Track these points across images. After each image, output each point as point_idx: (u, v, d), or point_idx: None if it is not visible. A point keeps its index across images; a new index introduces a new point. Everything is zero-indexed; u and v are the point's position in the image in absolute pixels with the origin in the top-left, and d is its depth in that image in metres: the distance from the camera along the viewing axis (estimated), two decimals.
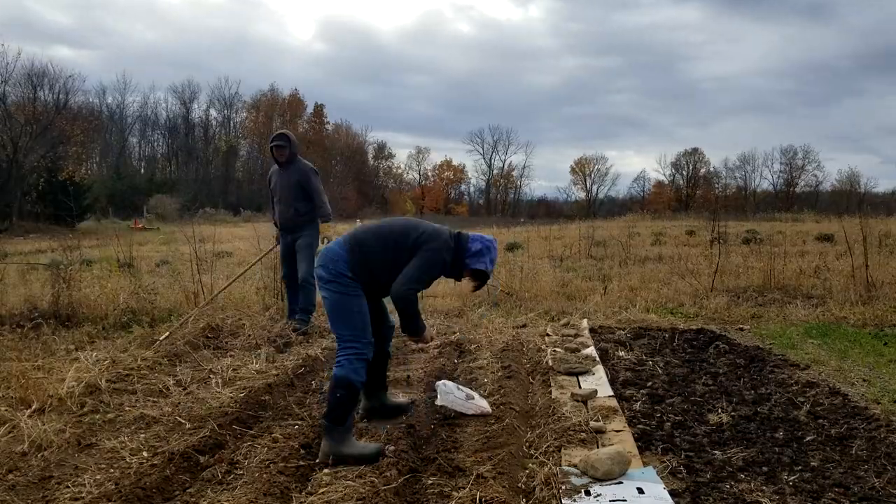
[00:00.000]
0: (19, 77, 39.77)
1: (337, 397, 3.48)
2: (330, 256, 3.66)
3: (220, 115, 65.40)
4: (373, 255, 3.64)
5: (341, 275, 3.59)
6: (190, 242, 9.34)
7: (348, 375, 3.49)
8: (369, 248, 3.66)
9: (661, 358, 5.85)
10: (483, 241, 3.81)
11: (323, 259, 3.68)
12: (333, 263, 3.62)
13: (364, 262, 3.63)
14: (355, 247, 3.65)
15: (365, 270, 3.63)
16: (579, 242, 15.73)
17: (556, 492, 3.09)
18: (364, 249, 3.65)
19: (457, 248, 3.76)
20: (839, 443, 3.78)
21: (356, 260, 3.62)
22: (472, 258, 3.77)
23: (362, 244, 3.67)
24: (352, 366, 3.51)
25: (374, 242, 3.68)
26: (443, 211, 66.12)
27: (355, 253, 3.63)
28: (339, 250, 3.65)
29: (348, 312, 3.59)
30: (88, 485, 3.18)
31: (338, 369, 3.53)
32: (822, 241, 17.46)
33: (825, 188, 62.53)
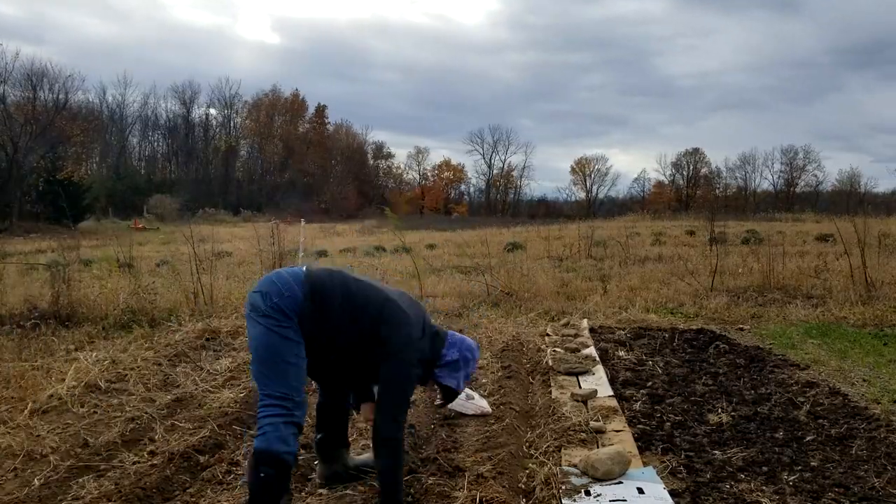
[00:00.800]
0: (18, 77, 39.86)
1: (261, 479, 2.59)
2: (277, 286, 2.79)
3: (220, 115, 65.47)
4: (330, 313, 2.83)
5: (284, 314, 2.74)
6: (189, 242, 9.35)
7: (274, 448, 2.60)
8: (330, 309, 2.83)
9: (661, 358, 5.85)
10: (462, 350, 3.07)
11: (267, 284, 2.81)
12: (279, 296, 2.76)
13: (319, 315, 2.80)
14: (316, 297, 2.81)
15: (314, 325, 2.80)
16: (579, 242, 15.73)
17: (556, 492, 3.09)
18: (323, 308, 2.81)
19: (430, 355, 3.03)
20: (839, 443, 3.78)
21: (308, 312, 2.78)
22: (444, 371, 3.05)
23: (323, 298, 2.82)
24: (278, 433, 2.62)
25: (338, 304, 2.84)
26: (442, 211, 66.14)
27: (313, 303, 2.79)
28: (292, 283, 2.80)
29: (281, 360, 2.71)
30: (88, 485, 3.18)
31: (260, 440, 2.63)
32: (822, 241, 17.45)
33: (825, 188, 62.58)
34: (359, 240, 23.43)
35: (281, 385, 2.69)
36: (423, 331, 2.99)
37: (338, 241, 22.53)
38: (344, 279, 2.94)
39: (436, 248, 18.04)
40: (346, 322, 2.84)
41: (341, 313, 2.84)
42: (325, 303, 2.82)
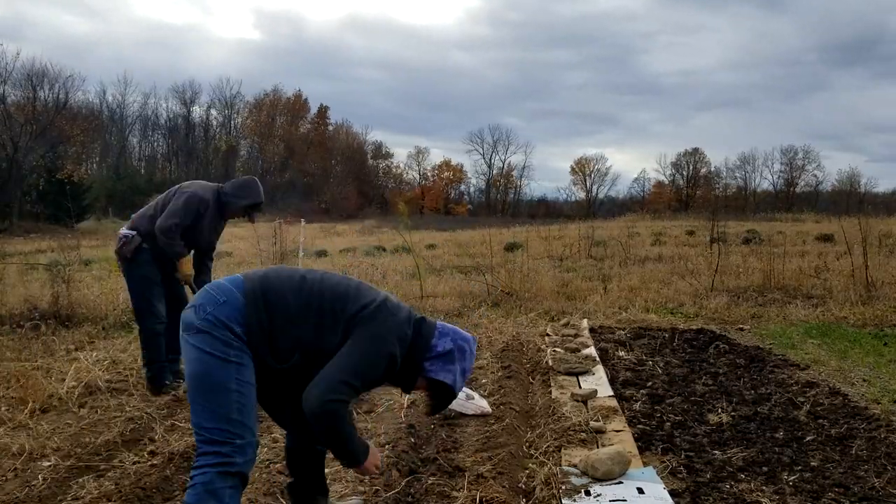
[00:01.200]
0: (19, 77, 39.84)
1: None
2: (212, 295, 2.32)
3: (220, 116, 65.46)
4: (282, 317, 2.31)
5: (223, 325, 2.25)
6: None
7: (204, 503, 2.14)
8: (281, 305, 2.33)
9: (661, 358, 5.85)
10: (456, 339, 2.47)
11: (201, 297, 2.35)
12: (215, 306, 2.28)
13: (266, 321, 2.30)
14: (259, 295, 2.32)
15: (262, 335, 2.29)
16: (579, 242, 15.74)
17: (556, 492, 3.09)
18: (272, 304, 2.32)
19: (414, 342, 2.42)
20: (839, 443, 3.78)
21: (254, 313, 2.29)
22: (436, 364, 2.44)
23: (271, 295, 2.33)
24: (214, 486, 2.15)
25: (291, 299, 2.34)
26: (442, 211, 66.12)
27: (257, 305, 2.30)
28: (231, 289, 2.33)
29: (218, 390, 2.20)
30: (88, 485, 3.18)
31: (190, 493, 2.17)
32: (822, 241, 17.46)
33: (825, 188, 62.56)
34: (359, 240, 23.43)
35: (218, 422, 2.17)
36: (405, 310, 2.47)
37: (338, 241, 22.52)
38: (294, 270, 2.52)
39: (436, 248, 18.05)
40: (303, 312, 2.33)
41: (293, 301, 2.34)
42: (274, 298, 2.33)
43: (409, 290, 9.48)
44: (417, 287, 9.49)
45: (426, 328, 2.48)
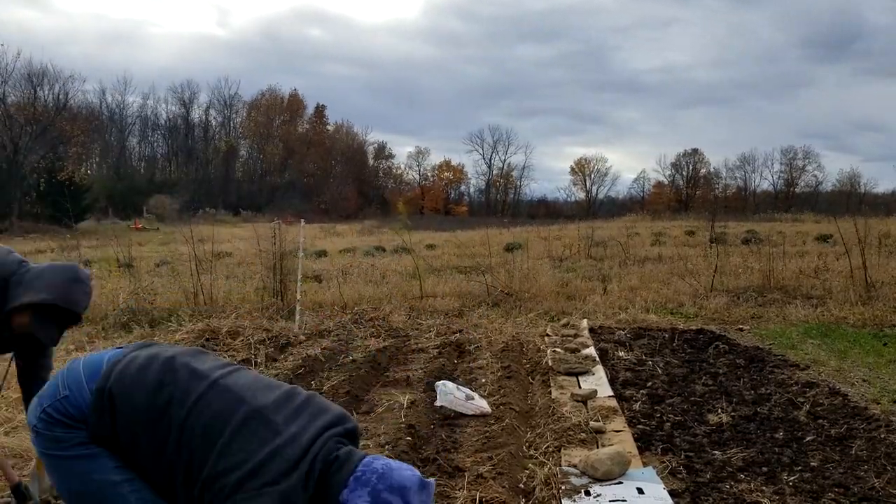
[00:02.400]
0: (19, 77, 39.86)
1: None
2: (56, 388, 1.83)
3: (219, 116, 65.46)
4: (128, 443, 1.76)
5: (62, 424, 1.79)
6: (189, 243, 9.35)
7: None
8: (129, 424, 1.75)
9: (660, 358, 5.85)
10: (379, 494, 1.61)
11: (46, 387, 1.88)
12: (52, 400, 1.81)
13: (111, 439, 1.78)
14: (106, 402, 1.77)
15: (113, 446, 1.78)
16: (579, 243, 15.73)
17: (556, 492, 3.09)
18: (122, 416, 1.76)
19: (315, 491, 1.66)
20: (839, 443, 3.78)
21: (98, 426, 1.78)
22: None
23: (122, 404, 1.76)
24: None
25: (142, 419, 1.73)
26: (442, 211, 66.14)
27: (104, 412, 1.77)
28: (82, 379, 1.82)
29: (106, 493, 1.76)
30: None
31: None
32: (822, 241, 17.45)
33: (825, 188, 62.53)
34: (359, 240, 23.41)
35: None
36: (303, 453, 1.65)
37: (338, 242, 22.51)
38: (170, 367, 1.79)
39: (436, 248, 18.04)
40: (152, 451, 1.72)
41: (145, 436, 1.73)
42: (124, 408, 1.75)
43: (408, 290, 9.49)
44: (417, 287, 9.50)
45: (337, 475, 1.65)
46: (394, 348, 6.23)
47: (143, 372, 1.79)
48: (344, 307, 8.34)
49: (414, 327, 7.37)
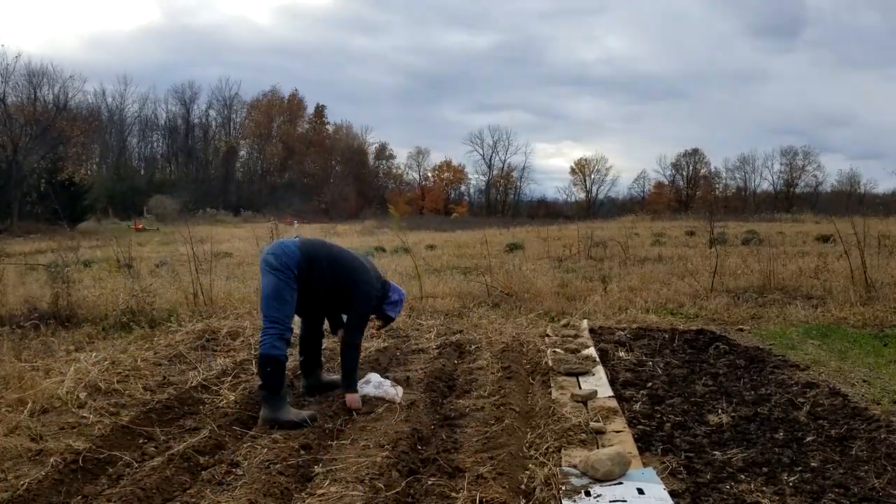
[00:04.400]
0: (19, 77, 39.82)
1: (268, 371, 3.97)
2: (283, 250, 4.19)
3: (219, 116, 65.46)
4: (318, 268, 4.22)
5: (288, 268, 4.12)
6: (189, 243, 9.35)
7: (272, 353, 4.00)
8: (319, 261, 4.24)
9: (661, 358, 5.85)
10: (400, 294, 4.66)
11: (276, 249, 4.22)
12: (287, 257, 4.14)
13: (310, 269, 4.19)
14: (309, 253, 4.22)
15: (307, 277, 4.18)
16: (579, 243, 15.73)
17: (556, 492, 3.09)
18: (313, 259, 4.22)
19: (382, 294, 4.53)
20: (839, 443, 3.78)
21: (305, 264, 4.17)
22: (390, 306, 4.61)
23: (315, 255, 4.25)
24: (274, 343, 4.01)
25: (324, 258, 4.28)
26: (442, 211, 66.12)
27: (307, 258, 4.19)
28: (293, 248, 4.21)
29: (282, 299, 4.10)
30: (88, 486, 3.18)
31: (263, 348, 4.02)
32: (822, 241, 17.45)
33: (825, 189, 62.50)
34: (359, 240, 23.41)
35: (279, 313, 4.09)
36: (377, 278, 4.53)
37: (338, 242, 22.48)
38: (327, 245, 4.49)
39: (435, 248, 18.04)
40: (329, 273, 4.27)
41: (326, 267, 4.27)
42: (315, 261, 4.24)
43: (408, 290, 9.47)
44: (417, 287, 9.49)
45: (386, 287, 4.60)
46: (394, 348, 6.23)
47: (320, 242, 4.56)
48: None
49: (414, 327, 7.37)
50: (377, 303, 4.50)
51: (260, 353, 4.04)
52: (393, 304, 4.61)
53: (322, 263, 4.25)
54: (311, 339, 4.68)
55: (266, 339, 4.03)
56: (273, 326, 4.05)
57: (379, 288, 4.49)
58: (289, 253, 4.16)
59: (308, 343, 4.67)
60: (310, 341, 4.68)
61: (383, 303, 4.55)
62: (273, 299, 4.11)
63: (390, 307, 4.61)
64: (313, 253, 4.26)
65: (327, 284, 4.28)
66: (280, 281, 4.10)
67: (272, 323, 4.06)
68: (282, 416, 3.92)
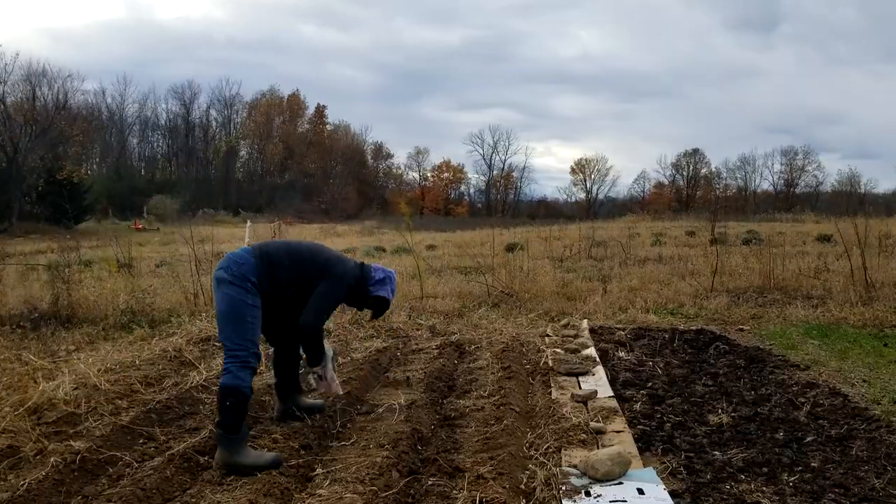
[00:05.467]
0: (18, 77, 39.81)
1: (227, 406, 3.39)
2: (234, 260, 3.65)
3: (220, 116, 65.45)
4: (280, 267, 3.73)
5: (245, 279, 3.57)
6: (189, 243, 9.35)
7: (236, 384, 3.42)
8: (278, 260, 3.74)
9: (661, 358, 5.84)
10: (385, 271, 4.08)
11: (225, 262, 3.66)
12: (240, 266, 3.61)
13: (270, 272, 3.68)
14: (264, 256, 3.71)
15: (270, 281, 3.67)
16: (579, 243, 15.73)
17: (557, 492, 3.09)
18: (273, 260, 3.72)
19: (361, 277, 3.98)
20: (839, 443, 3.78)
21: (263, 268, 3.65)
22: (376, 286, 4.01)
23: (271, 255, 3.74)
24: (239, 373, 3.43)
25: (284, 256, 3.78)
26: (442, 212, 66.10)
27: (263, 261, 3.67)
28: (246, 255, 3.68)
29: (241, 319, 3.52)
30: (88, 486, 3.18)
31: (225, 377, 3.45)
32: (822, 241, 17.44)
33: (825, 189, 62.47)
34: (359, 240, 23.41)
35: (239, 337, 3.50)
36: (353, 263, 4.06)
37: (338, 242, 22.50)
38: (285, 241, 4.10)
39: (436, 248, 18.04)
40: (292, 267, 3.78)
41: (288, 262, 3.78)
42: (273, 260, 3.74)
43: (409, 290, 9.48)
44: (417, 287, 9.49)
45: (366, 267, 4.08)
46: (394, 349, 6.23)
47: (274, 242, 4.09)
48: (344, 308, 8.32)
49: (415, 328, 7.37)
50: (355, 287, 3.95)
51: (221, 384, 3.45)
52: (380, 282, 4.02)
53: (282, 258, 3.76)
54: (285, 360, 4.12)
55: (230, 367, 3.45)
56: (235, 354, 3.47)
57: (353, 266, 3.98)
58: (241, 261, 3.62)
59: (282, 364, 4.12)
60: (284, 362, 4.12)
61: (367, 285, 3.99)
62: (231, 321, 3.52)
63: (378, 286, 4.01)
64: (269, 251, 3.78)
65: (294, 281, 3.76)
66: (236, 297, 3.52)
67: (234, 350, 3.48)
68: (241, 459, 3.32)
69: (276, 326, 3.96)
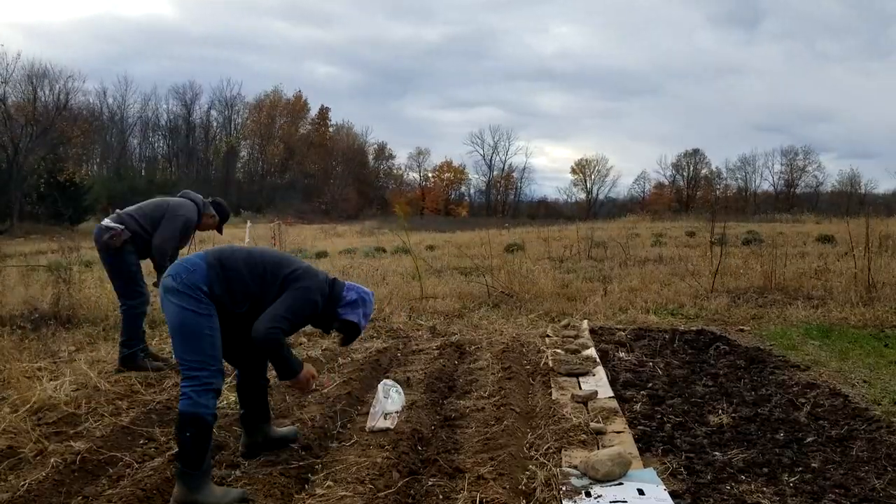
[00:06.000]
0: (19, 78, 39.84)
1: (187, 437, 2.95)
2: (185, 267, 3.13)
3: (220, 117, 65.46)
4: (236, 277, 3.18)
5: (195, 287, 3.06)
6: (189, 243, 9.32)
7: (196, 411, 2.96)
8: (234, 269, 3.18)
9: (661, 359, 5.84)
10: (359, 292, 3.44)
11: (175, 269, 3.15)
12: (190, 273, 3.08)
13: (224, 281, 3.15)
14: (216, 262, 3.17)
15: (223, 290, 3.14)
16: (579, 243, 15.73)
17: (557, 493, 3.09)
18: (227, 267, 3.17)
19: (330, 295, 3.37)
20: (840, 444, 3.78)
21: (215, 275, 3.12)
22: (346, 308, 3.38)
23: (225, 262, 3.19)
24: (199, 399, 2.98)
25: (241, 265, 3.21)
26: (443, 212, 66.09)
27: (214, 268, 3.14)
28: (197, 261, 3.16)
29: (196, 334, 3.03)
30: (88, 487, 3.18)
31: (183, 403, 2.99)
32: (823, 242, 17.44)
33: (825, 189, 62.46)
34: (359, 241, 23.42)
35: (197, 354, 3.03)
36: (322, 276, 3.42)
37: (338, 242, 22.52)
38: (244, 248, 3.43)
39: (436, 249, 18.04)
40: (249, 275, 3.22)
41: (244, 269, 3.22)
42: (229, 264, 3.20)
43: (408, 291, 9.48)
44: (417, 288, 9.49)
45: (338, 285, 3.44)
46: (394, 349, 6.23)
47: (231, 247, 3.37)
48: None
49: (415, 328, 7.37)
50: (322, 305, 3.33)
51: (180, 411, 3.01)
52: (351, 304, 3.41)
53: (239, 267, 3.20)
54: (250, 388, 3.55)
55: (189, 392, 2.99)
56: (193, 375, 3.01)
57: (323, 281, 3.36)
58: (192, 268, 3.10)
59: (247, 393, 3.55)
60: (249, 390, 3.55)
61: (336, 306, 3.39)
62: (184, 336, 3.04)
63: (348, 309, 3.40)
64: (224, 258, 3.20)
65: (251, 294, 3.19)
66: (187, 308, 3.02)
67: (192, 370, 3.01)
68: (203, 497, 2.93)
69: (236, 345, 3.35)
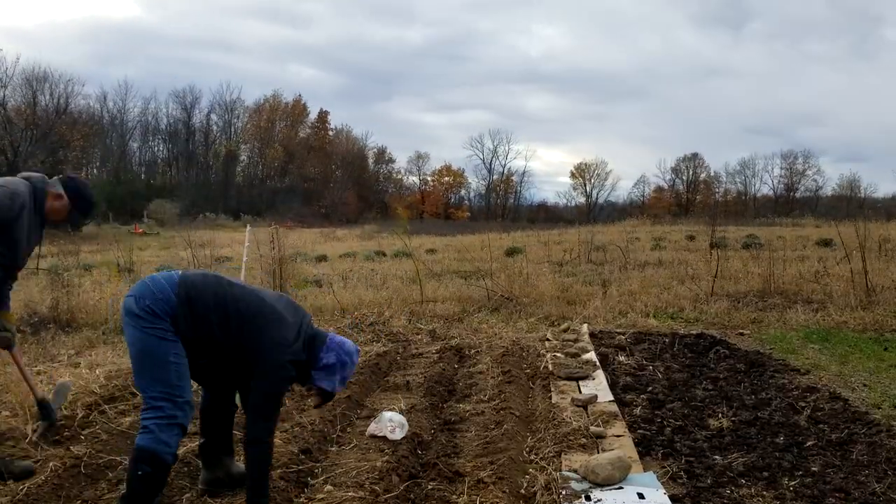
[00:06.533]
0: (19, 81, 39.89)
1: (138, 476, 2.66)
2: (151, 289, 2.81)
3: (220, 121, 65.50)
4: (202, 321, 2.83)
5: (156, 316, 2.75)
6: (189, 247, 9.35)
7: (156, 448, 2.65)
8: (203, 310, 2.83)
9: (661, 363, 5.84)
10: (340, 355, 3.00)
11: (139, 288, 2.85)
12: (155, 301, 2.77)
13: (192, 320, 2.81)
14: (185, 298, 2.82)
15: (188, 328, 2.81)
16: (579, 247, 15.73)
17: (557, 497, 3.09)
18: (196, 307, 2.82)
19: (308, 357, 2.97)
20: (840, 448, 3.77)
21: (183, 313, 2.79)
22: (321, 374, 2.99)
23: (196, 300, 2.83)
24: (161, 434, 2.67)
25: (212, 306, 2.85)
26: (443, 216, 66.11)
27: (183, 304, 2.80)
28: (166, 286, 2.82)
29: (160, 362, 2.72)
30: (87, 490, 3.17)
31: (142, 437, 2.68)
32: (823, 245, 17.44)
33: (825, 193, 62.51)
34: (359, 244, 23.43)
35: (160, 384, 2.72)
36: (298, 333, 2.94)
37: (338, 246, 22.52)
38: (218, 283, 2.95)
39: (436, 252, 18.04)
40: (217, 324, 2.84)
41: (213, 316, 2.84)
42: (197, 306, 2.82)
43: (409, 294, 9.48)
44: (417, 292, 9.49)
45: (317, 344, 3.01)
46: (394, 353, 6.22)
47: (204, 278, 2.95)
48: (343, 312, 8.33)
49: (415, 332, 7.37)
50: (297, 370, 2.93)
51: (136, 445, 2.69)
52: (327, 369, 2.98)
53: (208, 311, 2.83)
54: (215, 413, 3.19)
55: (150, 426, 2.67)
56: (156, 406, 2.69)
57: (299, 348, 2.91)
58: (159, 295, 2.78)
59: (211, 418, 3.20)
60: (214, 415, 3.19)
61: (312, 369, 2.98)
62: (146, 365, 2.75)
63: (323, 375, 2.99)
64: (195, 294, 2.83)
65: (216, 343, 2.86)
66: (149, 334, 2.72)
67: (155, 401, 2.70)
68: None
69: (205, 368, 3.02)
